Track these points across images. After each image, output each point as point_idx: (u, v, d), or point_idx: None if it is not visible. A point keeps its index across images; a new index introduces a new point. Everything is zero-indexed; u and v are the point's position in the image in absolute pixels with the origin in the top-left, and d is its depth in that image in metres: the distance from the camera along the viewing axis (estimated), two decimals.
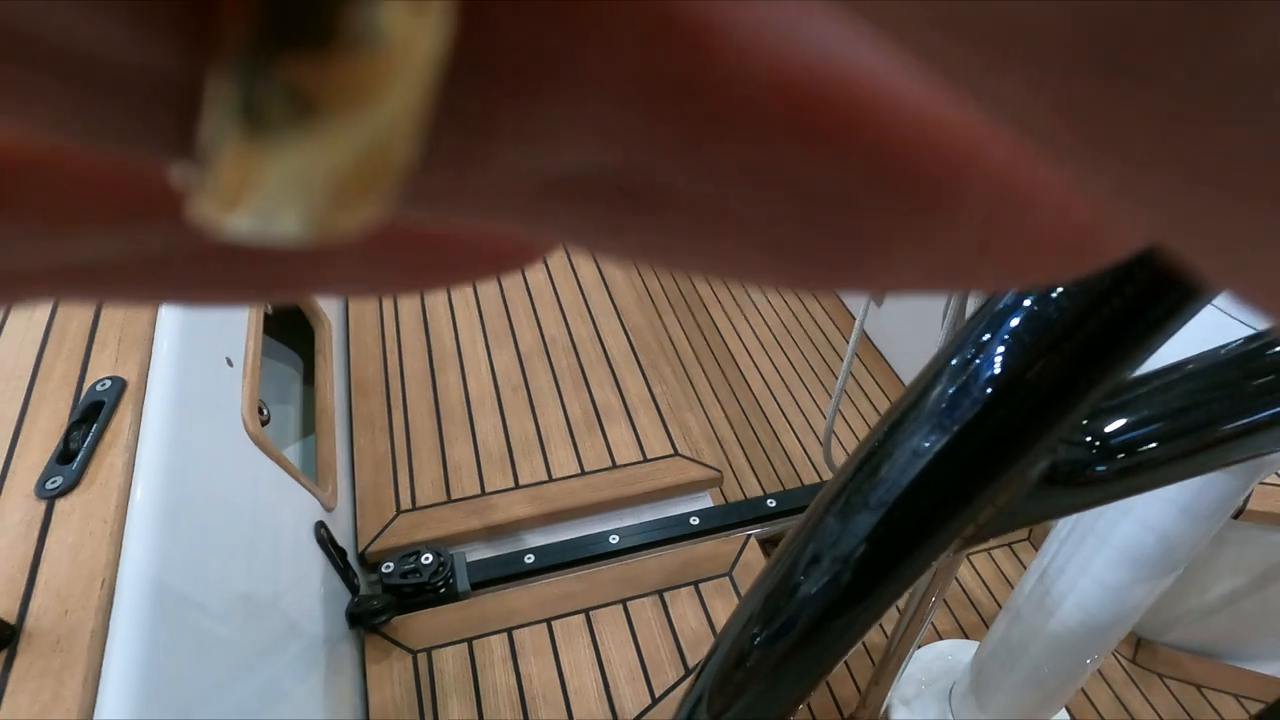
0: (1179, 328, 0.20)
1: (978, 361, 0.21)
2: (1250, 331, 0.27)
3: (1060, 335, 0.19)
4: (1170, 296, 0.19)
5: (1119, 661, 1.67)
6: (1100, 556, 1.00)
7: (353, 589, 1.08)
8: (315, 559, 1.01)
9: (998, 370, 0.20)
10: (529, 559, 1.15)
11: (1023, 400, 0.20)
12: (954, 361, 0.21)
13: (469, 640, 1.05)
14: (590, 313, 1.56)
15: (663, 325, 2.59)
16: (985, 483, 0.22)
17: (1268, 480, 1.46)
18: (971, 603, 1.74)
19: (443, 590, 1.10)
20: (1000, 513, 0.24)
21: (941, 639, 1.64)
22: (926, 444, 0.21)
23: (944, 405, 0.21)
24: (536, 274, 1.65)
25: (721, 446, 2.27)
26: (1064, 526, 1.07)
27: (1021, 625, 1.19)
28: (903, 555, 0.23)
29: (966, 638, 1.67)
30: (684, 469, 1.26)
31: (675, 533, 1.21)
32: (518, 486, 1.23)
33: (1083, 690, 1.62)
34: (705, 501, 1.29)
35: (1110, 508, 0.98)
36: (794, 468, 1.80)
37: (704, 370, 2.50)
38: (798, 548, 0.25)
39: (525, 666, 1.02)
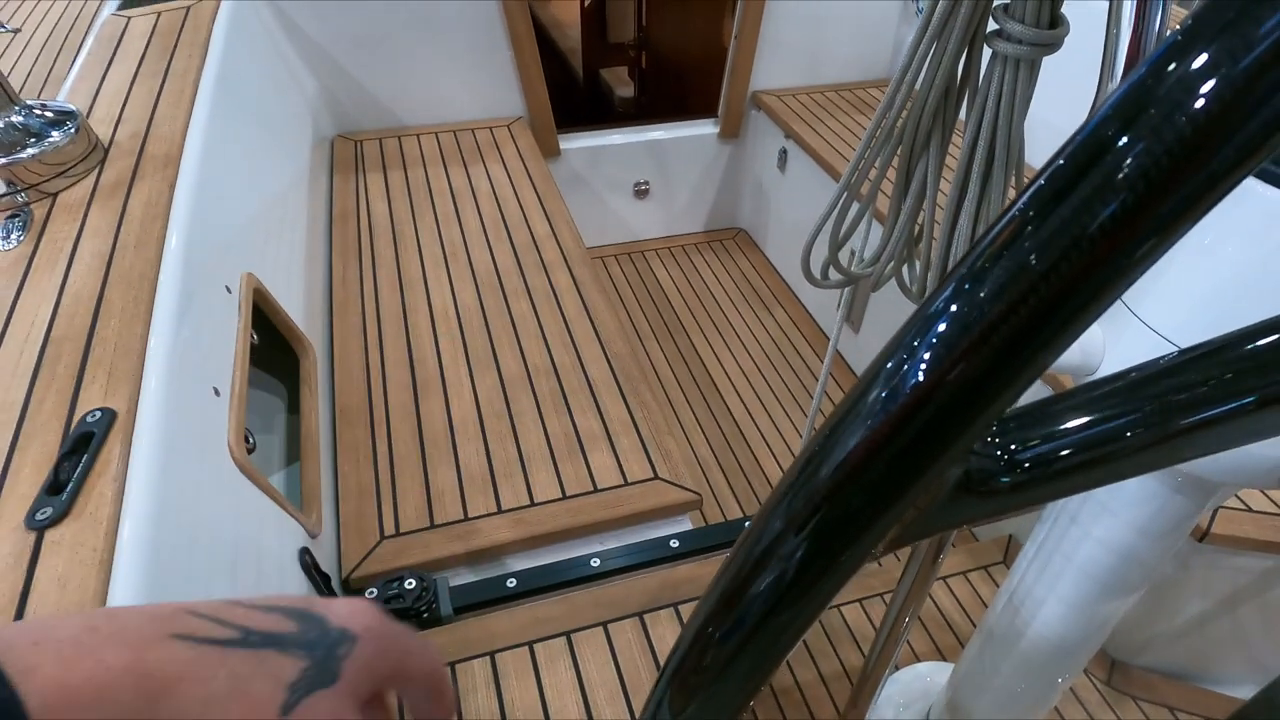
0: (1087, 326, 0.22)
1: (905, 366, 0.23)
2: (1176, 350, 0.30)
3: (979, 337, 0.21)
4: (1079, 298, 0.21)
5: (1094, 684, 1.70)
6: (1065, 577, 1.04)
7: None
8: (300, 585, 1.02)
9: (922, 373, 0.23)
10: (511, 583, 1.17)
11: (944, 399, 0.22)
12: (889, 365, 0.24)
13: (452, 665, 1.07)
14: (573, 340, 1.59)
15: (645, 351, 2.63)
16: (911, 480, 0.25)
17: (1231, 505, 1.51)
18: (948, 624, 1.76)
19: (425, 615, 1.12)
20: (921, 516, 0.27)
21: (920, 661, 1.67)
22: (855, 443, 0.24)
23: (876, 408, 0.24)
24: (520, 303, 1.68)
25: (702, 470, 2.29)
26: (1031, 548, 1.10)
27: (993, 646, 1.22)
28: (837, 552, 0.26)
29: (944, 659, 1.69)
30: (664, 492, 1.29)
31: (655, 555, 1.23)
32: (500, 511, 1.25)
33: (1059, 712, 1.64)
34: (685, 524, 1.31)
35: (1072, 529, 1.02)
36: (773, 490, 1.83)
37: (685, 395, 2.54)
38: (749, 547, 0.28)
39: (507, 690, 1.04)
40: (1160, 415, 0.28)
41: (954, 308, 0.22)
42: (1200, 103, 0.18)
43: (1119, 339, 0.79)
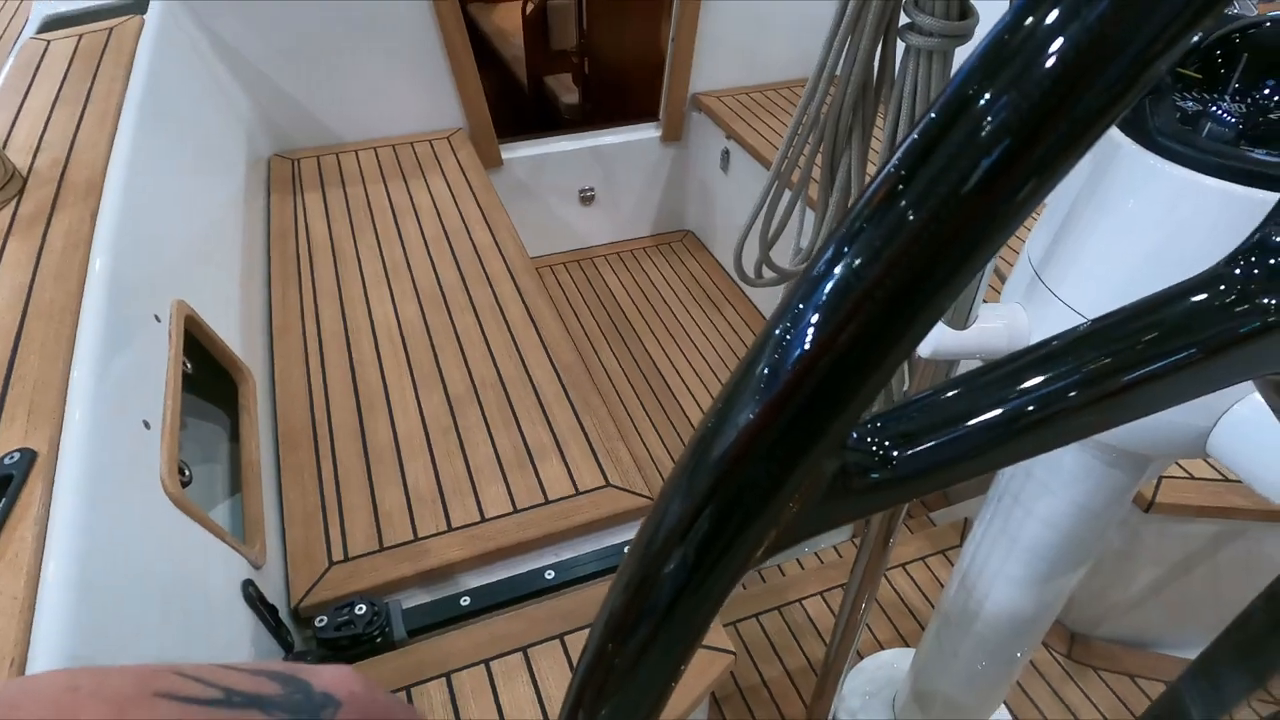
0: (965, 281, 0.21)
1: (790, 335, 0.22)
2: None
3: (858, 301, 0.21)
4: (953, 257, 0.21)
5: (1055, 657, 1.73)
6: (1013, 557, 1.05)
7: (286, 646, 1.07)
8: (245, 619, 1.00)
9: (809, 342, 0.22)
10: (465, 601, 1.15)
11: (826, 369, 0.22)
12: (776, 331, 0.23)
13: (407, 689, 1.05)
14: (519, 352, 1.58)
15: (597, 358, 2.62)
16: (805, 449, 0.24)
17: (1174, 474, 1.55)
18: (909, 611, 1.79)
19: (379, 640, 1.09)
20: (799, 516, 0.27)
21: (884, 649, 1.69)
22: (745, 419, 0.23)
23: (761, 383, 0.23)
24: (464, 317, 1.66)
25: (659, 473, 2.29)
26: (979, 530, 1.12)
27: (950, 629, 1.23)
28: (713, 559, 0.26)
29: (908, 645, 1.71)
30: (617, 499, 1.28)
31: (610, 564, 1.22)
32: (450, 529, 1.23)
33: (1021, 687, 1.67)
34: None
35: (1016, 510, 1.04)
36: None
37: (639, 399, 2.53)
38: (647, 534, 0.26)
39: (465, 711, 1.02)
40: (1030, 403, 0.28)
41: (836, 269, 0.21)
42: (1057, 51, 0.18)
43: (1043, 320, 0.81)
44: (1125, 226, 0.72)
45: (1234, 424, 0.72)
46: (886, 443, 0.27)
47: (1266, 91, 0.68)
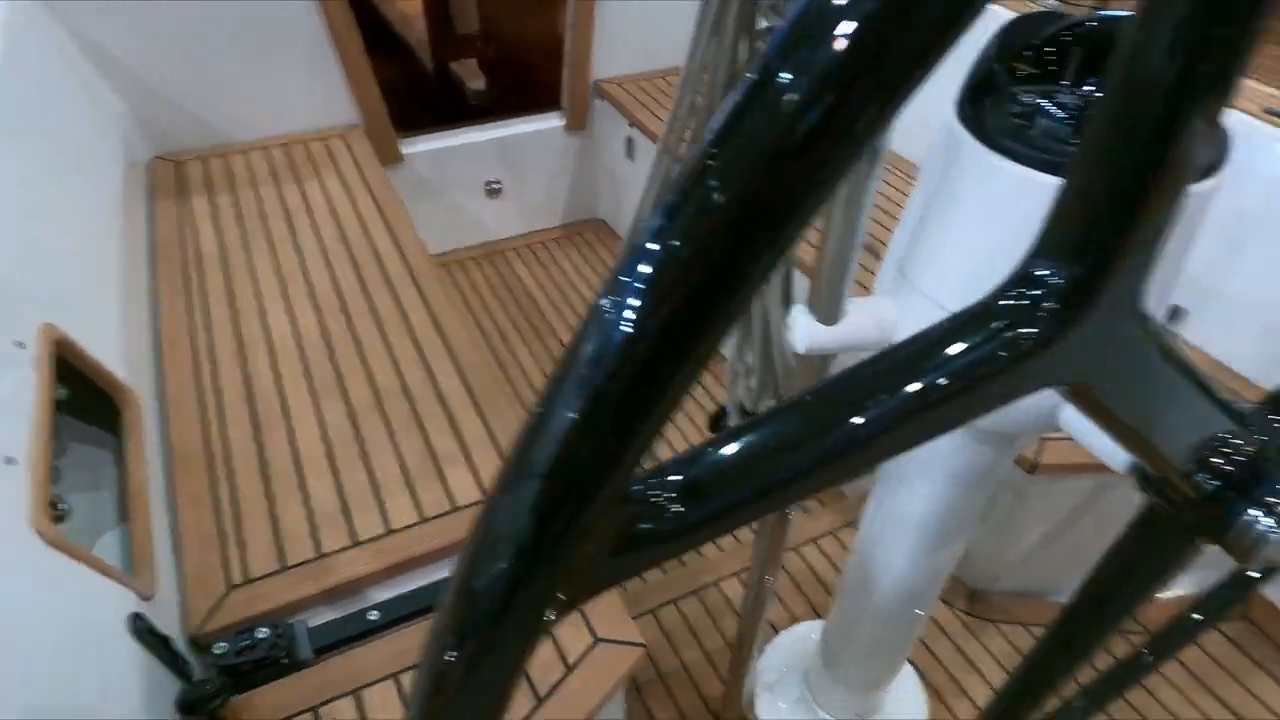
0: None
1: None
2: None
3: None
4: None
5: (956, 615, 1.82)
6: (902, 531, 1.10)
7: (184, 677, 1.04)
8: (134, 654, 0.96)
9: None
10: (373, 615, 1.14)
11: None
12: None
13: (315, 708, 1.03)
14: (424, 358, 1.56)
15: (512, 355, 2.60)
16: (577, 509, 0.24)
17: (1053, 436, 1.64)
18: (822, 583, 1.85)
19: (284, 662, 1.07)
20: (590, 572, 0.28)
21: (799, 621, 1.75)
22: (570, 414, 0.23)
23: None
24: (365, 324, 1.63)
25: None
26: (870, 508, 1.17)
27: (853, 599, 1.29)
28: (511, 594, 0.26)
29: (820, 617, 1.78)
30: None
31: None
32: (356, 543, 1.21)
33: (925, 645, 1.76)
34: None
35: (900, 489, 1.09)
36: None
37: None
38: (473, 542, 0.26)
39: None
40: (813, 443, 0.30)
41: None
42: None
43: (909, 311, 0.84)
44: (974, 222, 0.76)
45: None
46: (671, 494, 0.28)
47: (1096, 87, 0.72)
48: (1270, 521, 0.52)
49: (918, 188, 0.82)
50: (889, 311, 0.86)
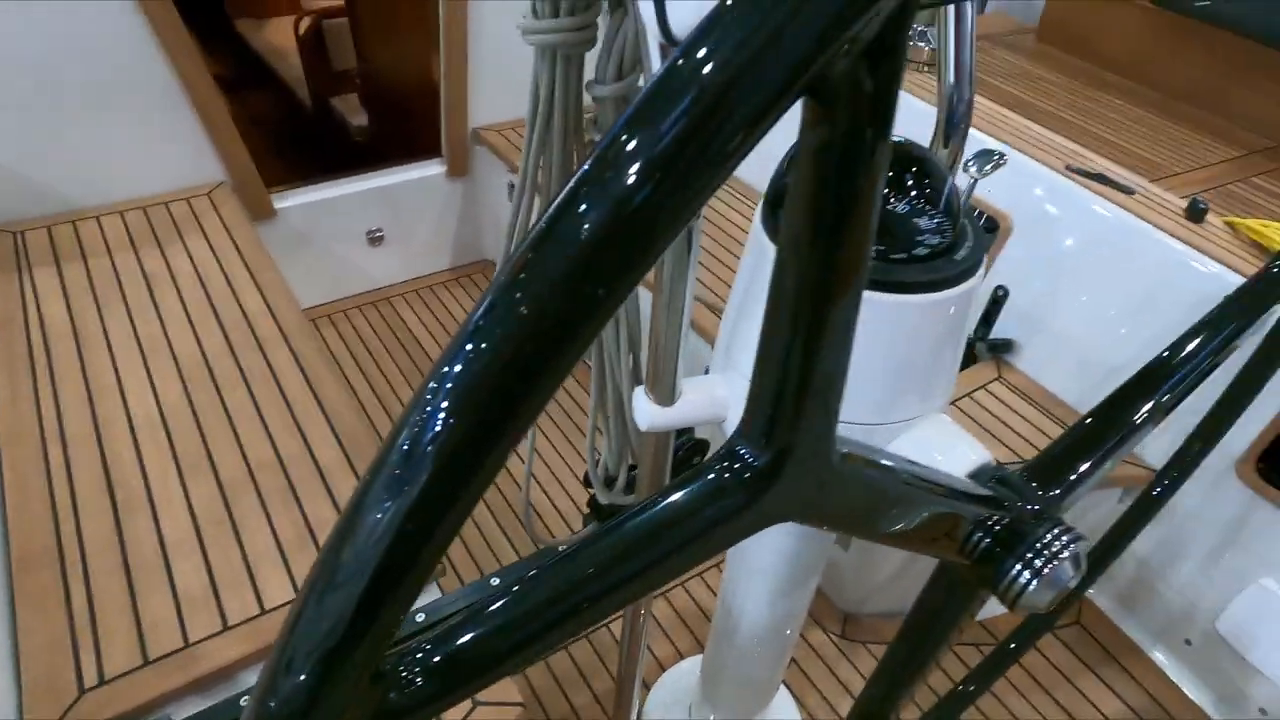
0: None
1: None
2: None
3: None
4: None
5: (830, 638, 1.94)
6: (754, 581, 1.19)
7: None
8: None
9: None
10: (246, 701, 1.13)
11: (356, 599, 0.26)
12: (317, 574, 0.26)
13: None
14: (298, 425, 1.55)
15: (400, 404, 2.59)
16: (331, 674, 0.27)
17: None
18: (707, 617, 1.93)
19: None
20: None
21: (684, 658, 1.82)
22: (284, 641, 0.26)
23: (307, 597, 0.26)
24: (235, 392, 1.60)
25: (474, 523, 2.31)
26: (729, 561, 1.25)
27: (722, 641, 1.36)
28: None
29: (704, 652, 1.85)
30: None
31: (409, 631, 1.24)
32: (227, 627, 1.20)
33: (801, 669, 1.86)
34: (437, 594, 1.33)
35: (749, 541, 1.17)
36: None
37: None
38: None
39: None
40: (550, 608, 0.36)
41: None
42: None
43: (735, 392, 0.93)
44: (860, 346, 0.83)
45: None
46: (420, 661, 0.33)
47: (891, 203, 0.81)
48: (1027, 575, 0.62)
49: (738, 275, 0.91)
50: (720, 390, 0.94)
